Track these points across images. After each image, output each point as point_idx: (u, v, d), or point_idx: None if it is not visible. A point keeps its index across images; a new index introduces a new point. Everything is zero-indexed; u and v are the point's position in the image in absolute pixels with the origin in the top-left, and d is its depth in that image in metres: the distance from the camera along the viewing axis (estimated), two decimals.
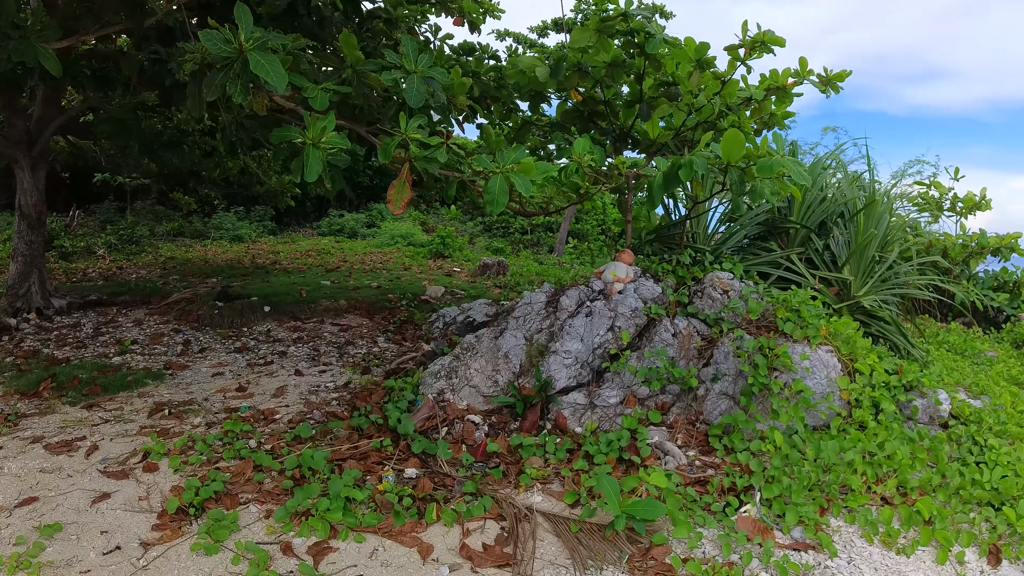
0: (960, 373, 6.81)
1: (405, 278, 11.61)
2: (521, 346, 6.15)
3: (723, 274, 5.98)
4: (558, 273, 12.11)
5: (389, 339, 8.76)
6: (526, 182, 4.43)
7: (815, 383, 5.45)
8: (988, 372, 7.35)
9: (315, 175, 4.52)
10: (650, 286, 5.99)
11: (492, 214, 4.23)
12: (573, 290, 6.18)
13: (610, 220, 22.09)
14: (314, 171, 4.53)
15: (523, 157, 4.60)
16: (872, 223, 6.50)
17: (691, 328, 5.91)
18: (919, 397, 5.74)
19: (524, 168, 4.55)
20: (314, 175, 4.52)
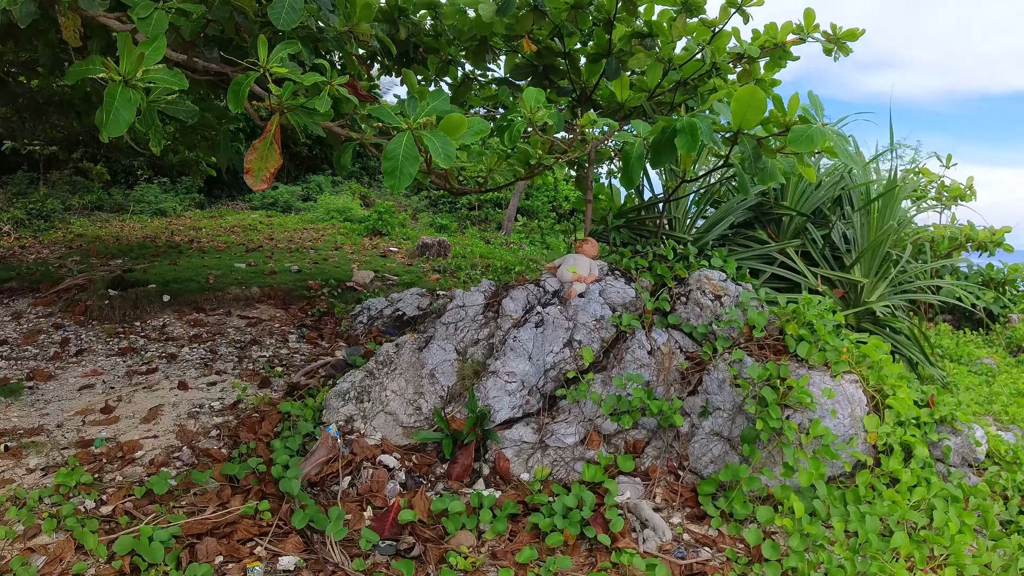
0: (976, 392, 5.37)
1: (333, 260, 9.75)
2: (451, 362, 4.45)
3: (713, 273, 4.37)
4: (504, 256, 10.42)
5: (303, 337, 6.94)
6: (447, 146, 2.71)
7: (837, 423, 3.90)
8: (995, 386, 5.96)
9: (122, 127, 2.71)
10: (620, 287, 4.34)
11: (393, 191, 2.47)
12: (519, 290, 4.49)
13: (561, 197, 20.40)
14: (121, 121, 2.71)
15: (446, 108, 2.87)
16: (890, 214, 4.99)
17: (672, 344, 4.29)
18: (952, 435, 4.27)
19: (448, 126, 2.82)
20: (120, 127, 2.71)
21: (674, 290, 4.39)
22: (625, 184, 3.71)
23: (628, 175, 3.72)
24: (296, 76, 2.75)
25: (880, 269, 5.01)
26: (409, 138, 2.77)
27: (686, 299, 4.34)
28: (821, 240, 5.38)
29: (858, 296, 5.02)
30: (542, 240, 16.15)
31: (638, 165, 3.69)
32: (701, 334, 4.23)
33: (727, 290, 4.29)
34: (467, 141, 3.00)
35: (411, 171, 2.73)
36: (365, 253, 10.86)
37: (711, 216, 5.15)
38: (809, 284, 4.99)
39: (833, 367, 3.98)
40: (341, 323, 7.07)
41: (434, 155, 2.71)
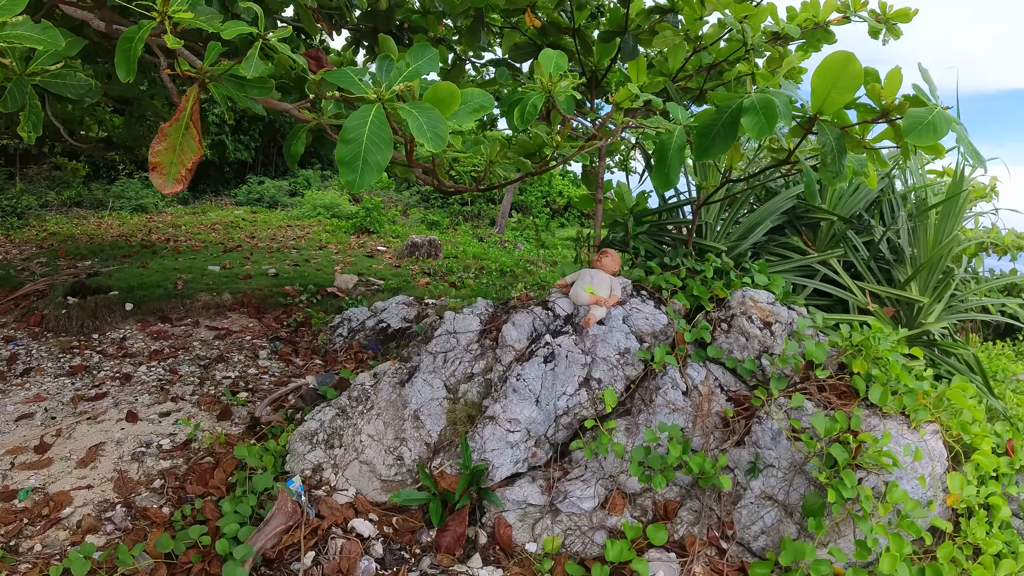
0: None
1: (315, 261, 8.75)
2: (439, 402, 3.51)
3: (759, 294, 3.44)
4: (499, 257, 9.46)
5: (275, 352, 5.97)
6: (436, 123, 1.77)
7: (915, 485, 3.00)
8: None
9: None
10: (648, 312, 3.40)
11: (353, 188, 1.48)
12: (523, 314, 3.54)
13: (555, 192, 19.44)
14: None
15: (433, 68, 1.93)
16: (954, 223, 4.08)
17: (712, 382, 3.37)
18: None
19: (437, 96, 1.87)
20: None
21: (713, 315, 3.45)
22: (660, 184, 2.77)
23: (664, 172, 2.78)
24: (210, 25, 1.79)
25: (939, 286, 4.11)
26: (379, 113, 1.82)
27: (728, 326, 3.41)
28: (865, 249, 4.47)
29: (912, 316, 4.13)
30: (537, 237, 15.20)
31: (678, 159, 2.75)
32: (747, 371, 3.30)
33: (778, 316, 3.36)
34: (463, 122, 2.05)
35: (380, 159, 1.79)
36: (351, 253, 9.86)
37: (745, 221, 4.24)
38: (857, 302, 4.09)
39: (913, 416, 3.07)
40: (318, 336, 6.10)
41: (417, 134, 1.76)
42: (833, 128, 2.51)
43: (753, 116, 2.30)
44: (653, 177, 2.83)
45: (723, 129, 2.44)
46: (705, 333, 3.31)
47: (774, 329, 3.35)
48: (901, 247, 4.42)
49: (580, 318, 3.38)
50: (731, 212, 4.21)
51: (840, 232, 4.52)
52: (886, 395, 3.09)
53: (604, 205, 4.87)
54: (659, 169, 2.81)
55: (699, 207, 3.67)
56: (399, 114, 1.82)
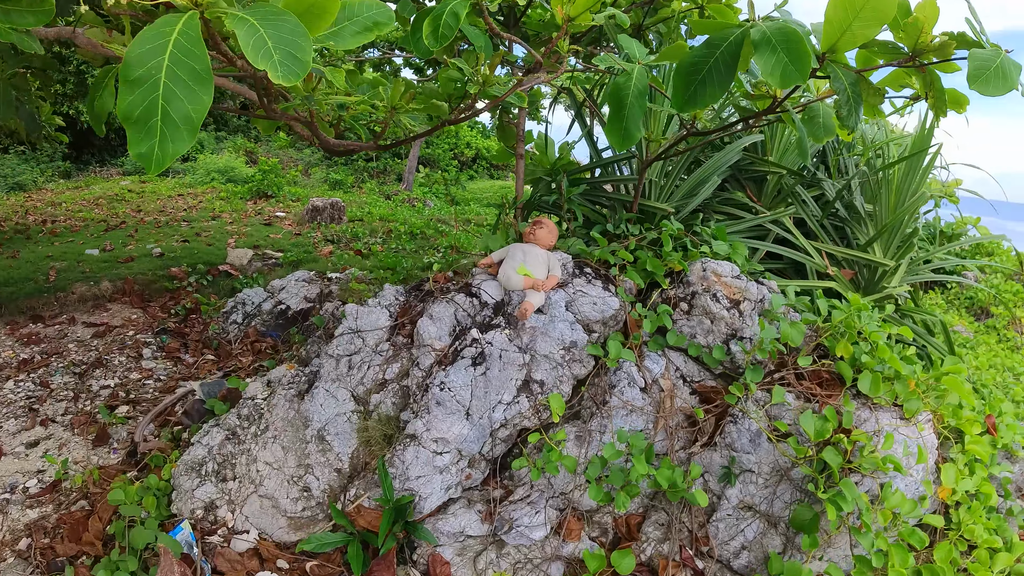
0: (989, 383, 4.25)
1: (207, 235, 7.58)
2: (347, 417, 2.75)
3: (722, 266, 2.83)
4: (408, 218, 8.55)
5: (162, 348, 4.95)
6: (292, 39, 0.95)
7: (910, 481, 2.54)
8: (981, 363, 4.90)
9: None
10: (596, 295, 2.71)
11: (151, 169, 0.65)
12: (443, 305, 2.78)
13: (463, 144, 18.44)
14: None
15: None
16: (920, 180, 3.61)
17: (673, 373, 2.76)
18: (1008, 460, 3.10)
19: (300, 1, 1.04)
20: None
21: (670, 293, 2.82)
22: (616, 139, 2.06)
23: (621, 124, 2.06)
24: None
25: (903, 246, 3.67)
26: (189, 26, 1.00)
27: (689, 307, 2.79)
28: (816, 206, 3.97)
29: (873, 279, 3.68)
30: (446, 192, 14.25)
31: (638, 107, 2.04)
32: (715, 360, 2.71)
33: (747, 292, 2.77)
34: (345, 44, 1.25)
35: (191, 110, 0.99)
36: (247, 222, 8.67)
37: (689, 178, 3.62)
38: (814, 265, 3.59)
39: (907, 407, 2.58)
40: (210, 325, 5.12)
41: (254, 55, 0.96)
42: (848, 72, 1.86)
43: (769, 54, 1.60)
44: (608, 131, 2.10)
45: (718, 69, 1.74)
46: (666, 318, 2.67)
47: (743, 308, 2.76)
48: (855, 203, 3.94)
49: (514, 308, 2.66)
50: (675, 167, 3.57)
51: (788, 187, 3.99)
52: (877, 384, 2.58)
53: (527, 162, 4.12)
54: (615, 121, 2.09)
55: (647, 164, 2.99)
56: (225, 25, 1.01)
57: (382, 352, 2.80)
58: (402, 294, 2.94)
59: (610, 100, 2.08)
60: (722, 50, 1.72)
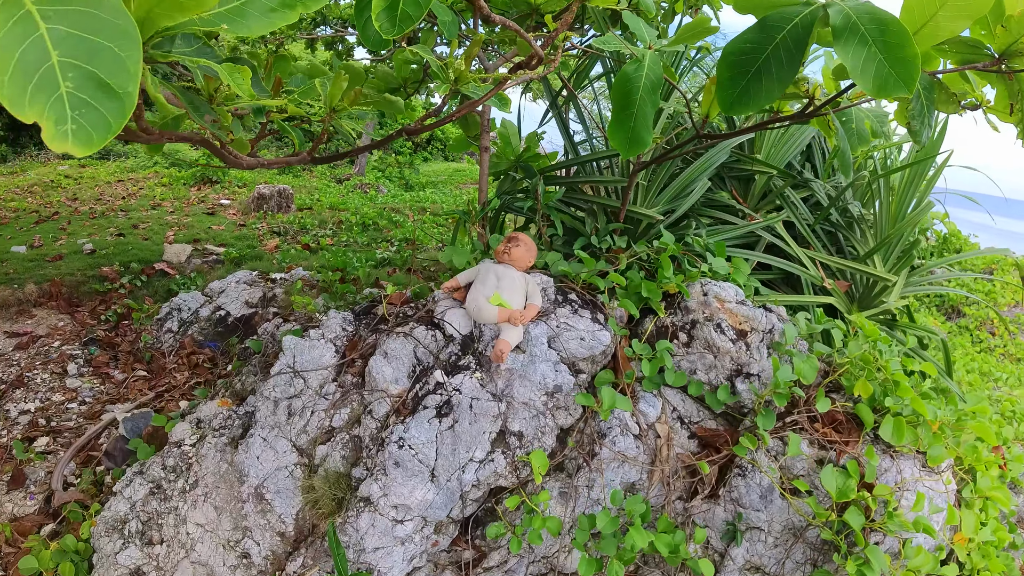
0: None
1: (144, 227, 6.82)
2: (289, 471, 2.23)
3: (725, 289, 2.39)
4: (360, 208, 7.90)
5: (88, 363, 4.30)
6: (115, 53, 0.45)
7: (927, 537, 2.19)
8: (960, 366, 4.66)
9: None
10: (585, 328, 2.24)
11: None
12: (399, 340, 2.26)
13: None
14: None
15: None
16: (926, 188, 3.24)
17: (671, 415, 2.32)
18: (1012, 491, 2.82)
19: None
20: None
21: (667, 321, 2.37)
22: (622, 144, 1.59)
23: (628, 126, 1.59)
24: None
25: (903, 257, 3.32)
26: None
27: (688, 338, 2.35)
28: (807, 210, 3.59)
29: (869, 291, 3.32)
30: (400, 176, 13.55)
31: (649, 104, 1.57)
32: (719, 402, 2.28)
33: (754, 322, 2.34)
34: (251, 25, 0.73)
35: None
36: (189, 211, 7.90)
37: (678, 179, 3.18)
38: (809, 276, 3.21)
39: (931, 454, 2.21)
40: (141, 335, 4.47)
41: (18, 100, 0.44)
42: (923, 75, 1.42)
43: (857, 48, 1.13)
44: (612, 133, 1.62)
45: (777, 59, 1.27)
46: (667, 357, 2.22)
47: (750, 340, 2.34)
48: (851, 209, 3.57)
49: (485, 345, 2.17)
50: (662, 167, 3.11)
51: (778, 189, 3.59)
52: (901, 432, 2.19)
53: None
54: (620, 121, 1.60)
55: (640, 168, 2.52)
56: None
57: (327, 395, 2.28)
58: (350, 322, 2.42)
59: (615, 95, 1.60)
60: (784, 34, 1.25)
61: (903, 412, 2.26)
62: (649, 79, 1.57)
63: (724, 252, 2.56)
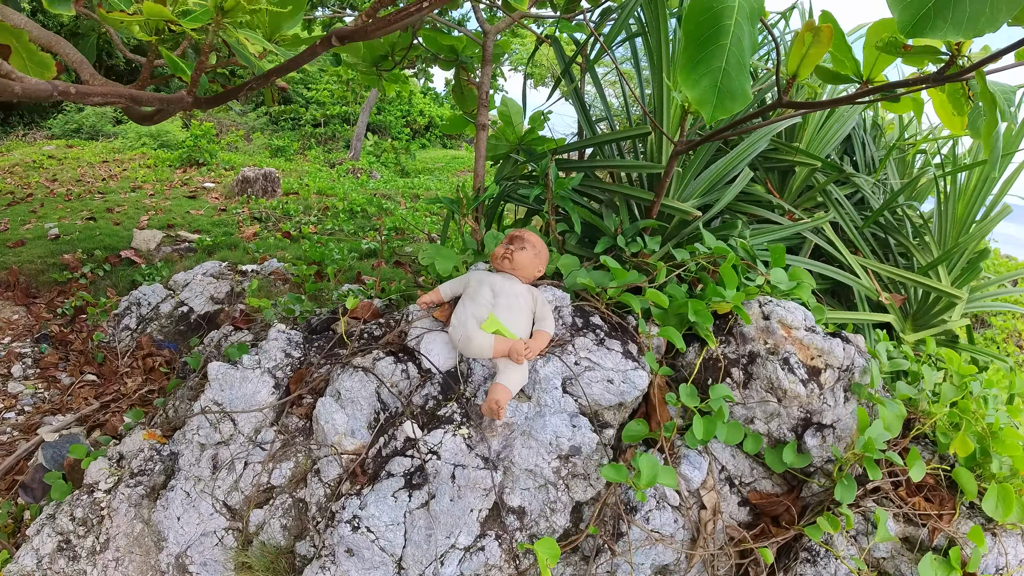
0: None
1: (119, 211, 6.09)
2: (218, 538, 1.56)
3: (790, 311, 1.74)
4: (349, 193, 7.18)
5: (36, 363, 3.62)
6: None
7: None
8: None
9: None
10: (613, 366, 1.57)
11: None
12: (357, 378, 1.60)
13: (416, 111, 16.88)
14: None
15: None
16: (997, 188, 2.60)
17: (718, 477, 1.68)
18: None
19: None
20: None
21: (716, 353, 1.71)
22: (709, 96, 0.95)
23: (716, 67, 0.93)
24: None
25: (967, 271, 2.68)
26: None
27: (746, 375, 1.69)
28: (852, 210, 2.93)
29: (927, 308, 2.69)
30: (396, 162, 12.78)
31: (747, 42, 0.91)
32: (786, 463, 1.63)
33: (829, 355, 1.69)
34: None
35: None
36: (170, 194, 7.15)
37: (714, 167, 2.52)
38: (863, 288, 2.57)
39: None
40: (95, 333, 3.77)
41: None
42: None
43: None
44: (685, 80, 0.97)
45: None
46: (724, 410, 1.57)
47: (823, 380, 1.69)
48: (904, 210, 2.92)
49: (475, 389, 1.51)
50: (696, 153, 2.44)
51: (820, 184, 2.93)
52: (1009, 504, 1.56)
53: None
54: (700, 63, 0.95)
55: (685, 149, 1.83)
56: None
57: (264, 444, 1.61)
58: (297, 345, 1.74)
59: (691, 24, 0.94)
60: None
61: (1008, 477, 1.63)
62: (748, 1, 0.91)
63: (783, 260, 1.90)
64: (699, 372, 1.69)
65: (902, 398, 1.79)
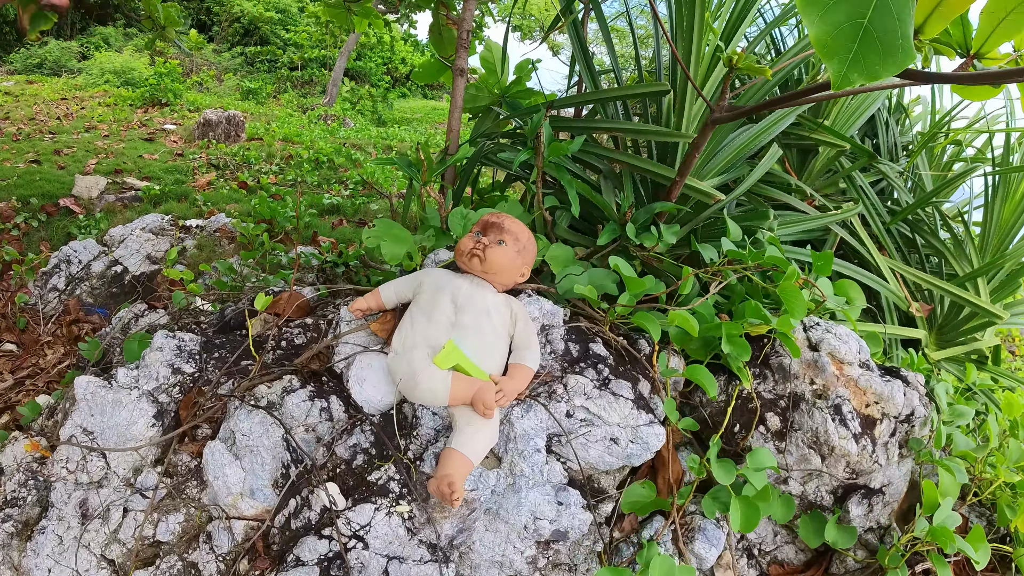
0: None
1: (68, 153, 5.39)
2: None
3: (842, 338, 1.31)
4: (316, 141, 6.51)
5: None
6: None
7: None
8: None
9: None
10: (621, 417, 1.11)
11: None
12: (258, 419, 1.12)
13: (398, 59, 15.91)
14: None
15: None
16: None
17: (736, 543, 1.26)
18: None
19: None
20: None
21: (749, 393, 1.27)
22: (859, 52, 0.50)
23: (862, 12, 0.46)
24: None
25: (1006, 284, 2.29)
26: None
27: (785, 423, 1.26)
28: (878, 201, 2.49)
29: (956, 322, 2.30)
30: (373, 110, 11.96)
31: None
32: (827, 539, 1.22)
33: (887, 401, 1.27)
34: None
35: None
36: (125, 136, 6.40)
37: (736, 143, 2.05)
38: (893, 296, 2.16)
39: None
40: (16, 295, 3.18)
41: None
42: None
43: None
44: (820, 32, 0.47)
45: None
46: (766, 487, 1.13)
47: (877, 433, 1.27)
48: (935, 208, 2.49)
49: (423, 447, 1.04)
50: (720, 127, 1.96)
51: (844, 170, 2.48)
52: None
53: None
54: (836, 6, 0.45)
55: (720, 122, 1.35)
56: None
57: (146, 490, 1.14)
58: (191, 355, 1.25)
59: None
60: None
61: None
62: None
63: (830, 268, 1.46)
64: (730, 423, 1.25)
65: (961, 457, 1.38)
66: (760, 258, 1.25)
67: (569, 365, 1.13)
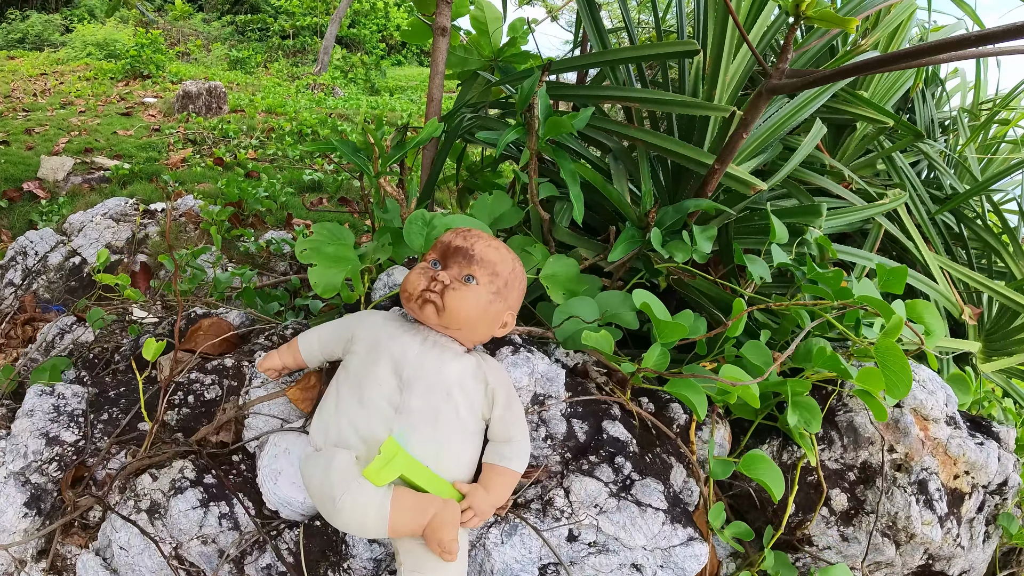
0: None
1: (40, 131, 4.95)
2: None
3: (932, 391, 0.97)
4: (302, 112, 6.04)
5: None
6: None
7: None
8: None
9: None
10: (648, 538, 0.77)
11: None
12: (138, 528, 0.80)
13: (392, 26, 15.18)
14: None
15: None
16: None
17: None
18: None
19: None
20: None
21: (812, 463, 0.94)
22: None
23: None
24: None
25: None
26: None
27: (855, 503, 0.93)
28: (921, 188, 2.13)
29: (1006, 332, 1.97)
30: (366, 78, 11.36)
31: None
32: None
33: (978, 470, 0.94)
34: None
35: None
36: (103, 112, 5.94)
37: (774, 119, 1.69)
38: (943, 301, 1.82)
39: None
40: None
41: None
42: None
43: None
44: None
45: None
46: None
47: (963, 511, 0.95)
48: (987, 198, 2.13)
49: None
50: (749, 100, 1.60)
51: (884, 152, 2.11)
52: None
53: (451, 43, 1.95)
54: None
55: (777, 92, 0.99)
56: None
57: None
58: (72, 418, 0.90)
59: None
60: None
61: None
62: None
63: (902, 285, 1.11)
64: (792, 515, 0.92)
65: None
66: (848, 296, 0.90)
67: (573, 457, 0.79)
